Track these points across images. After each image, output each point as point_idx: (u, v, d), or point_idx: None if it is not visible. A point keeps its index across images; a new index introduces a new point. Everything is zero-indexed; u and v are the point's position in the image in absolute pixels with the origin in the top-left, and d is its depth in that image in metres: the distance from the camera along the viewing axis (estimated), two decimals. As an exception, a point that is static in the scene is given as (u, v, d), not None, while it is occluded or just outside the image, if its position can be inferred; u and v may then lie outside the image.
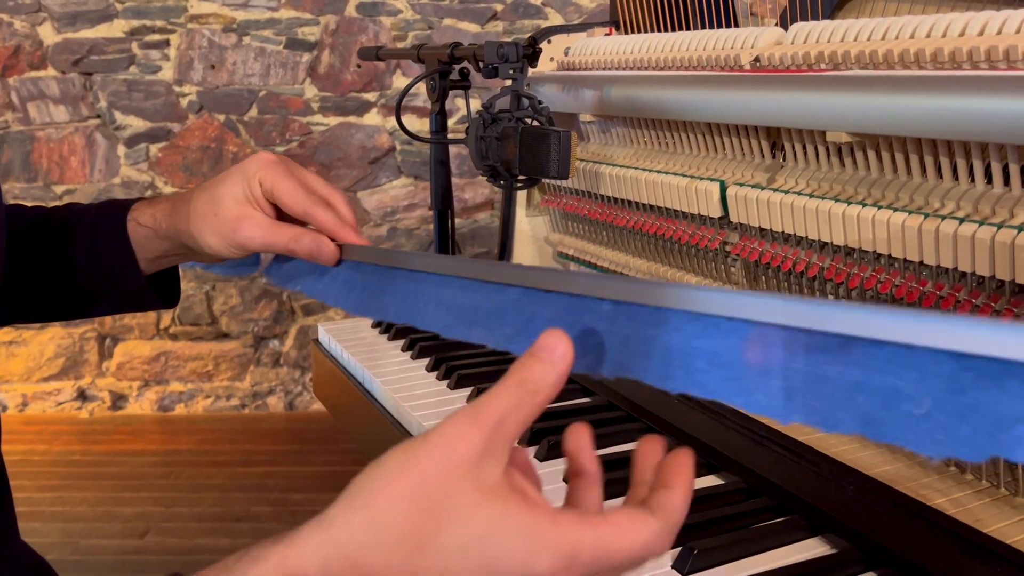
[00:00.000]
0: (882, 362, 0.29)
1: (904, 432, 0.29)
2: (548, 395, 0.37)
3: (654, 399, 0.79)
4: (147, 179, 2.63)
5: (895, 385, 0.29)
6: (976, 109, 0.59)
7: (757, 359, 0.33)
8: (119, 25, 2.54)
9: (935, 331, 0.28)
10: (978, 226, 0.60)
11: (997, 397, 0.27)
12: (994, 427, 0.27)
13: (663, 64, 0.92)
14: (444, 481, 0.35)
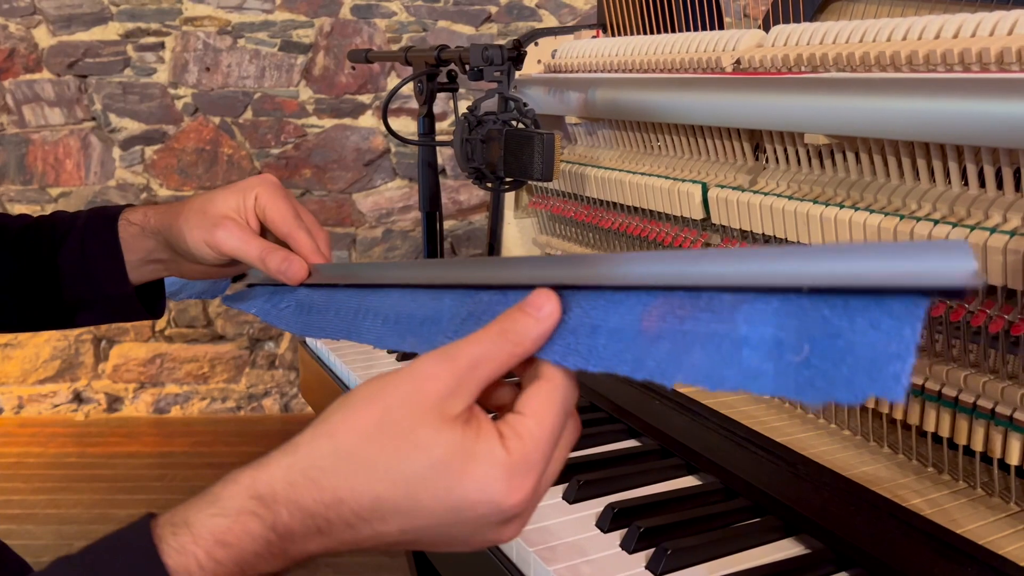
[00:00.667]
0: (767, 313, 0.29)
1: (786, 382, 0.29)
2: (528, 349, 0.38)
3: (635, 401, 0.80)
4: (142, 181, 2.63)
5: (778, 336, 0.29)
6: (951, 112, 0.59)
7: (652, 327, 0.33)
8: (114, 28, 2.55)
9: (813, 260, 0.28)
10: (951, 227, 0.61)
11: (872, 337, 0.27)
12: (870, 367, 0.27)
13: (647, 66, 0.93)
14: (408, 412, 0.36)
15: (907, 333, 0.27)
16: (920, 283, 0.26)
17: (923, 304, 0.27)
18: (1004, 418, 0.59)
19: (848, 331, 0.27)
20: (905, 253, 0.27)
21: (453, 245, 2.72)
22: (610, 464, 0.70)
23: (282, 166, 2.63)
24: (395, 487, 0.36)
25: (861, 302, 0.27)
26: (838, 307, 0.28)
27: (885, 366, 0.27)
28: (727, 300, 0.31)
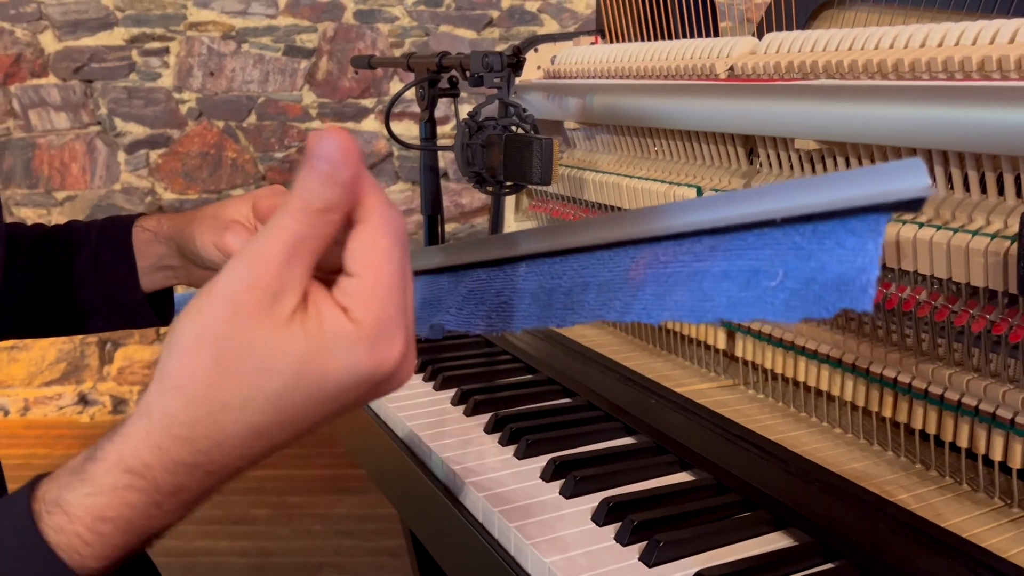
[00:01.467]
0: (745, 248, 0.32)
1: (763, 306, 0.31)
2: (335, 205, 0.35)
3: (631, 400, 0.82)
4: (147, 185, 2.66)
5: (754, 266, 0.31)
6: (935, 118, 0.61)
7: (638, 275, 0.35)
8: (119, 33, 2.57)
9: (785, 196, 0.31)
10: (936, 230, 0.63)
11: (839, 255, 0.29)
12: (839, 282, 0.29)
13: (644, 73, 0.95)
14: (240, 337, 0.34)
15: (870, 248, 0.29)
16: (879, 201, 0.29)
17: (883, 220, 0.29)
18: (987, 415, 0.61)
19: (818, 252, 0.30)
20: (865, 177, 0.29)
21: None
22: (606, 461, 0.72)
23: (286, 170, 2.66)
24: (264, 412, 0.35)
25: (828, 226, 0.30)
26: (808, 233, 0.30)
27: (853, 279, 0.29)
28: (707, 242, 0.33)
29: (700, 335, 0.90)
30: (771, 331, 0.80)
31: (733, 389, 0.87)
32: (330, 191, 0.35)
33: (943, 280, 0.63)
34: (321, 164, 0.35)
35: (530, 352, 0.97)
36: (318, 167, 0.35)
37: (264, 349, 0.34)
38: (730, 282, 0.32)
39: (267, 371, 0.34)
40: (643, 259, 0.35)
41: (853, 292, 0.29)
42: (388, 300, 0.35)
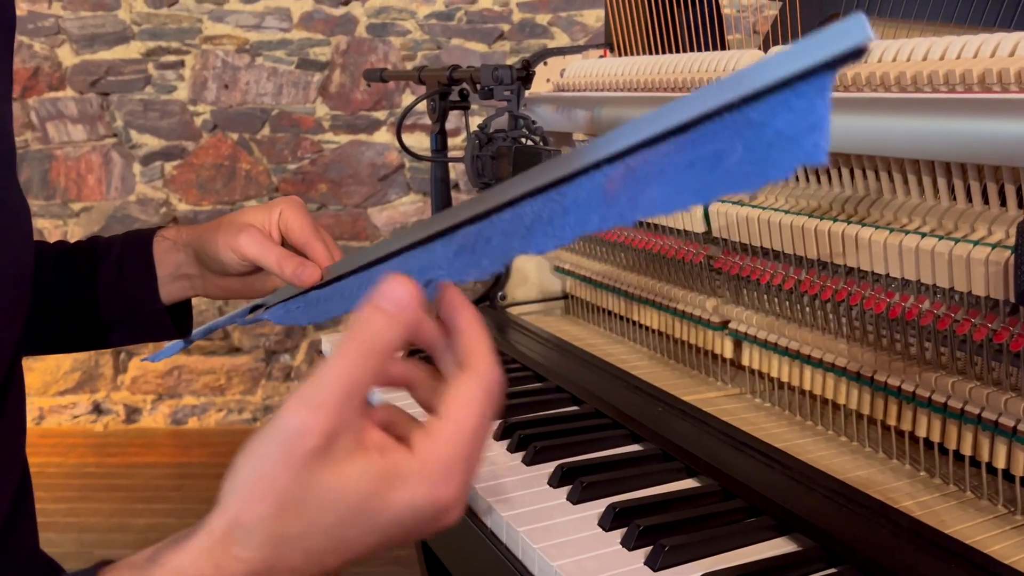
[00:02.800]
0: (706, 137, 0.33)
1: (726, 183, 0.33)
2: (394, 346, 0.37)
3: (639, 407, 0.83)
4: (162, 196, 2.69)
5: (716, 148, 0.33)
6: (938, 130, 0.62)
7: (613, 188, 0.37)
8: (136, 47, 2.61)
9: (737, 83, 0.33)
10: (939, 240, 0.64)
11: (790, 117, 0.31)
12: (793, 142, 0.31)
13: (651, 86, 0.96)
14: (296, 479, 0.36)
15: (819, 105, 0.31)
16: (821, 59, 0.30)
17: (829, 78, 0.31)
18: (990, 423, 0.62)
19: (772, 121, 0.32)
20: (808, 45, 0.31)
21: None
22: (613, 467, 0.73)
23: (299, 181, 2.68)
24: (319, 542, 0.37)
25: (777, 96, 0.32)
26: (759, 107, 0.32)
27: (805, 137, 0.31)
28: (673, 142, 0.35)
29: (707, 344, 0.91)
30: (777, 340, 0.81)
31: (740, 398, 0.88)
32: (393, 333, 0.37)
33: (945, 290, 0.64)
34: (388, 305, 0.36)
35: (539, 360, 0.98)
36: (385, 308, 0.36)
37: (321, 489, 0.36)
38: (696, 169, 0.34)
39: (325, 509, 0.36)
40: (616, 173, 0.37)
41: (807, 148, 0.31)
42: (461, 445, 0.38)
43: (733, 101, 0.33)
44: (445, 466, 0.37)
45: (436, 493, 0.37)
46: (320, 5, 2.58)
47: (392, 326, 0.37)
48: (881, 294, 0.69)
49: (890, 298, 0.68)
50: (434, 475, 0.37)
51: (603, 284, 1.08)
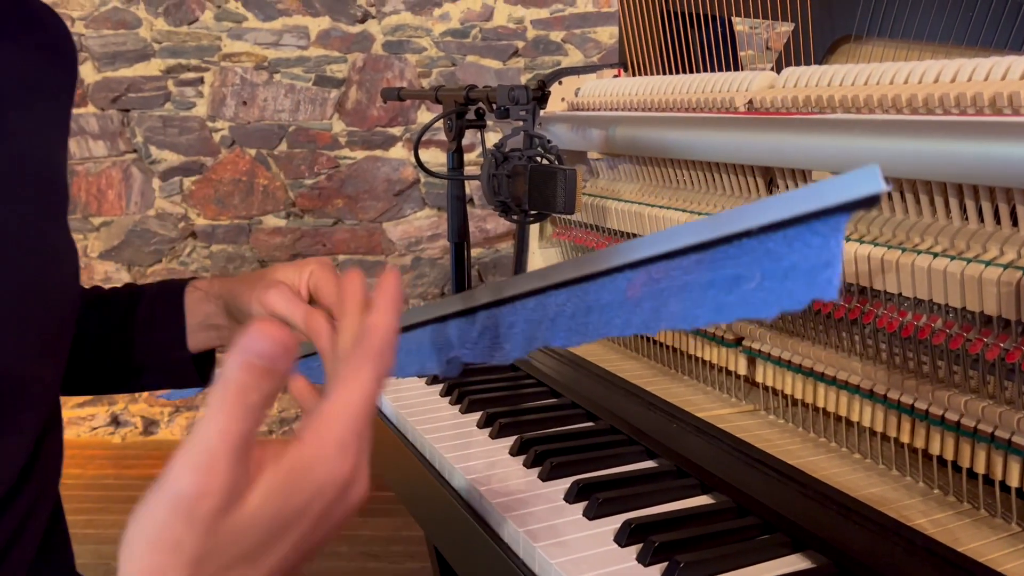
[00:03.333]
0: (726, 259, 0.35)
1: (745, 306, 0.35)
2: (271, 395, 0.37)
3: (654, 424, 0.83)
4: (180, 211, 2.72)
5: (736, 273, 0.34)
6: (949, 152, 0.63)
7: (635, 294, 0.38)
8: (156, 64, 2.65)
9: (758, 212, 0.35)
10: (950, 260, 0.64)
11: (806, 253, 0.33)
12: (807, 277, 0.33)
13: (665, 105, 0.97)
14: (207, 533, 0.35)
15: (832, 244, 0.33)
16: (836, 203, 0.32)
17: (843, 220, 0.33)
18: (1003, 441, 0.62)
19: (788, 254, 0.33)
20: (826, 187, 0.32)
21: (480, 272, 2.77)
22: (628, 483, 0.74)
23: (315, 196, 2.71)
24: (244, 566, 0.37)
25: (795, 231, 0.34)
26: (778, 239, 0.34)
27: (819, 273, 0.33)
28: (693, 258, 0.36)
29: (721, 361, 0.92)
30: (790, 358, 0.82)
31: (754, 414, 0.89)
32: (268, 384, 0.37)
33: (958, 309, 0.65)
34: (258, 360, 0.36)
35: (554, 376, 0.99)
36: (255, 362, 0.36)
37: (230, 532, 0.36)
38: (715, 289, 0.36)
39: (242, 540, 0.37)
40: (638, 279, 0.39)
41: (820, 283, 0.33)
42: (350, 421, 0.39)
43: (753, 228, 0.34)
44: (338, 445, 0.39)
45: (335, 472, 0.39)
46: (337, 23, 2.62)
47: (265, 378, 0.36)
48: (894, 313, 0.70)
49: (903, 317, 0.69)
50: (329, 456, 0.39)
51: (618, 301, 1.08)
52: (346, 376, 0.41)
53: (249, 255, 2.74)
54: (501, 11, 2.61)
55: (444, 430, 0.90)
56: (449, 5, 2.59)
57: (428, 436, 0.88)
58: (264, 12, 2.62)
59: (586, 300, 0.42)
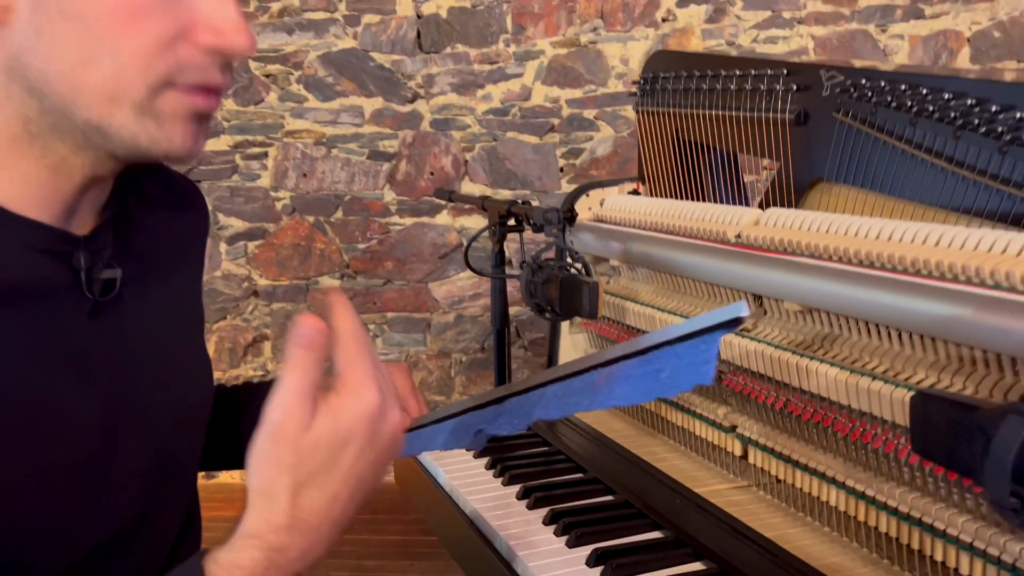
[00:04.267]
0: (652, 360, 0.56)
1: (661, 390, 0.55)
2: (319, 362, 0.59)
3: (661, 499, 1.02)
4: (244, 272, 2.97)
5: (656, 368, 0.56)
6: (885, 302, 0.81)
7: (602, 381, 0.58)
8: (225, 140, 2.92)
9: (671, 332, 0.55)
10: (883, 383, 0.82)
11: (696, 354, 0.53)
12: (695, 370, 0.53)
13: (671, 228, 1.17)
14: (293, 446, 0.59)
15: (712, 350, 0.53)
16: (715, 323, 0.53)
17: (720, 335, 0.53)
18: (928, 526, 0.80)
19: (686, 355, 0.54)
20: (712, 315, 0.53)
21: (518, 329, 2.97)
22: (637, 552, 0.92)
23: (367, 259, 2.94)
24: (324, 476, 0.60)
25: (691, 342, 0.54)
26: (682, 347, 0.55)
27: (703, 367, 0.53)
28: (634, 360, 0.58)
29: (721, 443, 1.10)
30: (772, 446, 1.00)
31: (747, 490, 1.07)
32: (316, 355, 0.59)
33: (891, 421, 0.83)
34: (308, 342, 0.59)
35: (580, 453, 1.18)
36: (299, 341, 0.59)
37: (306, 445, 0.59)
38: (645, 378, 0.57)
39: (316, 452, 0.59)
40: (603, 374, 0.59)
41: (703, 374, 0.53)
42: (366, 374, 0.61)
43: (668, 340, 0.55)
44: (359, 383, 0.60)
45: (365, 399, 0.60)
46: (389, 103, 2.87)
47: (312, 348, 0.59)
48: (844, 419, 0.88)
49: (852, 424, 0.87)
50: (356, 390, 0.60)
51: (636, 385, 1.27)
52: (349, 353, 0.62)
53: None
54: (538, 91, 2.84)
55: (489, 500, 1.09)
56: (491, 86, 2.83)
57: (477, 506, 1.07)
58: (323, 93, 2.88)
59: (570, 388, 0.63)
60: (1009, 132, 0.80)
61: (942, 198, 0.91)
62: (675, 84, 1.29)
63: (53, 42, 0.61)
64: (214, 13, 0.63)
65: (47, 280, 0.68)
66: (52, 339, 0.67)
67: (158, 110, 0.63)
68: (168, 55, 0.62)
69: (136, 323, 0.75)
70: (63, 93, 0.62)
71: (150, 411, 0.76)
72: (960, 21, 2.76)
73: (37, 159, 0.66)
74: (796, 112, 1.08)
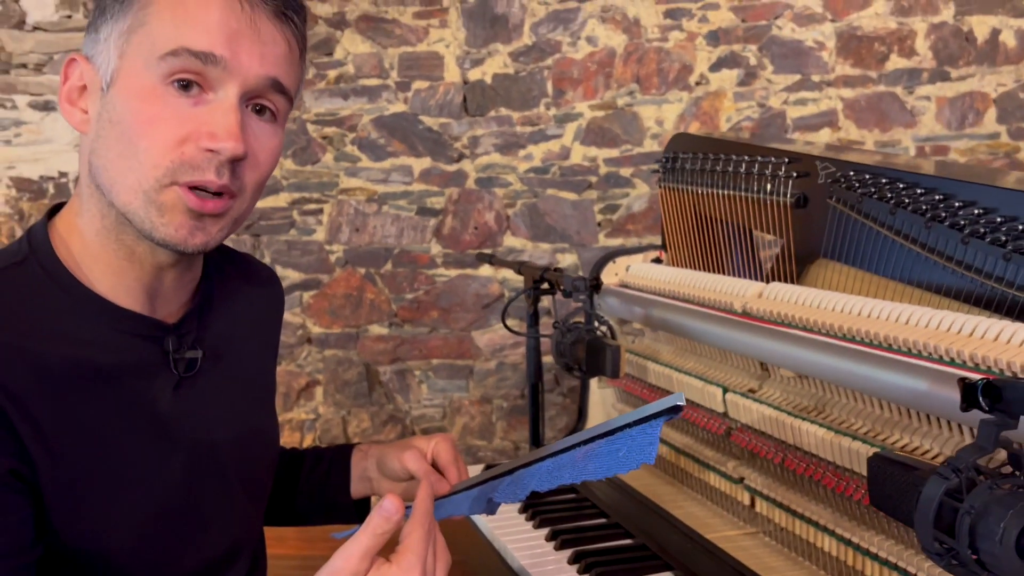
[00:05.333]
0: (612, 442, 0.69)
1: (619, 466, 0.68)
2: (388, 534, 0.71)
3: (674, 543, 1.13)
4: (299, 321, 3.16)
5: (616, 447, 0.69)
6: (871, 375, 0.93)
7: (580, 458, 0.71)
8: (284, 197, 3.13)
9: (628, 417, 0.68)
10: (861, 443, 0.94)
11: (644, 438, 0.67)
12: (643, 451, 0.66)
13: (687, 296, 1.30)
14: None
15: (656, 433, 0.66)
16: (659, 410, 0.66)
17: (663, 420, 0.67)
18: (899, 567, 0.91)
19: (636, 437, 0.68)
20: (659, 404, 0.66)
21: (557, 377, 3.09)
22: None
23: (414, 308, 3.11)
24: None
25: (641, 426, 0.68)
26: (635, 429, 0.68)
27: (648, 448, 0.66)
28: (602, 440, 0.71)
29: (731, 492, 1.22)
30: (774, 496, 1.11)
31: (754, 536, 1.18)
32: (389, 527, 0.72)
33: (870, 477, 0.94)
34: (384, 512, 0.71)
35: (605, 500, 1.30)
36: (383, 514, 0.71)
37: None
38: (609, 456, 0.70)
39: None
40: (582, 451, 0.73)
41: (648, 453, 0.66)
42: (417, 554, 0.73)
43: (628, 423, 0.68)
44: (409, 560, 0.71)
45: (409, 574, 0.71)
46: (437, 163, 3.06)
47: (388, 523, 0.71)
48: (831, 474, 0.99)
49: (837, 478, 0.98)
50: (404, 562, 0.71)
51: (657, 437, 1.40)
52: (413, 530, 0.74)
53: (356, 359, 3.14)
54: (577, 151, 3.00)
55: (520, 541, 1.22)
56: (532, 147, 3.00)
57: (511, 547, 1.20)
58: (375, 154, 3.08)
59: (559, 462, 0.76)
60: (968, 225, 0.92)
61: (918, 278, 1.03)
62: (693, 164, 1.43)
63: (105, 143, 0.77)
64: (214, 121, 0.75)
65: (141, 361, 0.82)
66: (144, 410, 0.81)
67: (161, 202, 0.76)
68: (173, 154, 0.75)
69: (212, 396, 0.88)
70: (108, 186, 0.77)
71: (224, 472, 0.89)
72: (986, 83, 2.86)
73: (115, 250, 0.80)
74: (796, 196, 1.21)
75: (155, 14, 0.75)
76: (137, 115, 0.75)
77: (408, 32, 3.13)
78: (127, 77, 0.76)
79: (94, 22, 0.79)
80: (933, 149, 2.97)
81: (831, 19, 2.95)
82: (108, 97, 0.77)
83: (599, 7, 3.01)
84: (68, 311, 0.78)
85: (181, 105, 0.75)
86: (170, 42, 0.74)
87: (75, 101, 0.80)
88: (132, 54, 0.76)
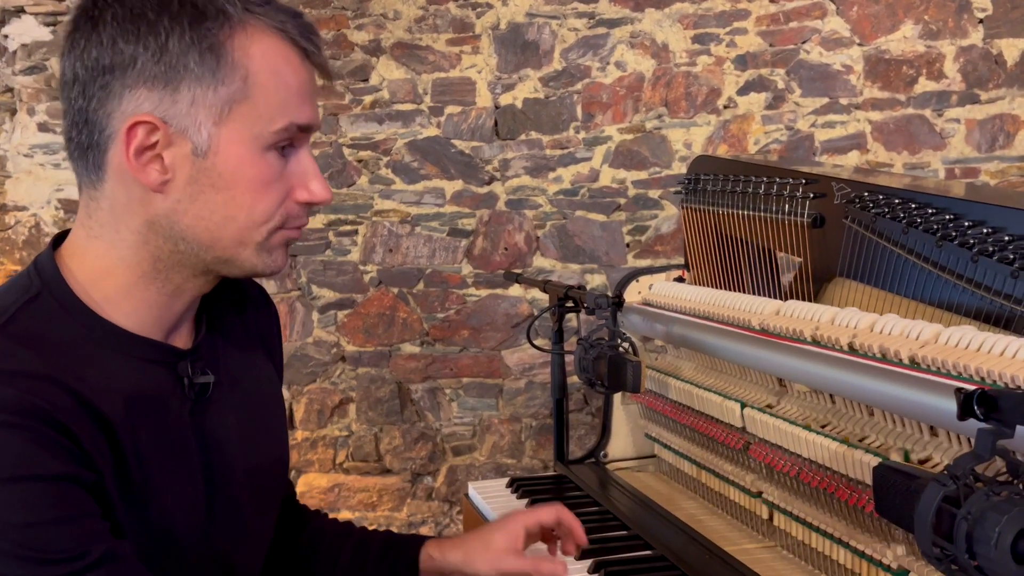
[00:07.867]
0: None
1: None
2: None
3: (692, 554, 1.16)
4: (334, 339, 3.23)
5: None
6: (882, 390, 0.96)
7: None
8: (320, 218, 3.22)
9: None
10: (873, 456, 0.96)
11: None
12: None
13: (707, 314, 1.33)
14: None
15: None
16: None
17: None
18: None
19: None
20: None
21: (586, 397, 3.12)
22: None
23: (446, 327, 3.16)
24: None
25: None
26: None
27: None
28: None
29: (750, 506, 1.24)
30: (793, 511, 1.13)
31: (772, 549, 1.20)
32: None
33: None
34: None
35: (626, 512, 1.33)
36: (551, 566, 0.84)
37: None
38: None
39: None
40: None
41: None
42: None
43: None
44: None
45: None
46: (468, 185, 3.12)
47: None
48: (844, 486, 1.01)
49: (850, 491, 1.01)
50: None
51: (679, 452, 1.42)
52: None
53: (388, 377, 3.20)
54: (606, 173, 3.05)
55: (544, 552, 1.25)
56: (561, 169, 3.05)
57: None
58: (409, 177, 3.16)
59: None
60: (978, 244, 0.95)
61: (929, 296, 1.05)
62: (714, 185, 1.46)
63: (204, 206, 0.82)
64: (308, 179, 0.84)
65: (160, 387, 0.85)
66: (164, 435, 0.85)
67: (271, 245, 0.84)
68: (281, 210, 0.83)
69: (224, 418, 0.91)
70: (203, 240, 0.83)
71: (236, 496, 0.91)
72: (1016, 105, 2.85)
73: (159, 288, 0.85)
74: (813, 217, 1.24)
75: (258, 87, 0.80)
76: (250, 182, 0.82)
77: (441, 58, 3.21)
78: (232, 145, 0.80)
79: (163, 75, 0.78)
80: (963, 171, 2.96)
81: (859, 43, 2.97)
82: (206, 164, 0.80)
83: (628, 33, 3.07)
84: (85, 341, 0.82)
85: (280, 166, 0.83)
86: (280, 117, 0.81)
87: (147, 162, 0.80)
88: (236, 125, 0.80)
